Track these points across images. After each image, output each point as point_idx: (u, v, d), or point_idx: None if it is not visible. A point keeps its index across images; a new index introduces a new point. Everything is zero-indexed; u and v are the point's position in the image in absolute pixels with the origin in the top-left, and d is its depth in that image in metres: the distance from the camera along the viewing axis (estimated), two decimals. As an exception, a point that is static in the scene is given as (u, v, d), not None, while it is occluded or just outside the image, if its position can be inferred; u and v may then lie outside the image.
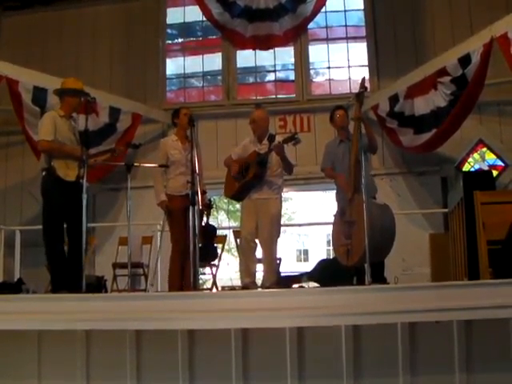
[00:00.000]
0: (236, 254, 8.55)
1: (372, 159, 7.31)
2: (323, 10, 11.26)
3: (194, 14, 11.83)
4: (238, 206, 20.81)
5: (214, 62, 11.93)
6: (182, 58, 12.11)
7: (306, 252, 33.00)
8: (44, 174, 6.40)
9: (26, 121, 9.66)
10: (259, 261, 7.02)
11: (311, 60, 11.53)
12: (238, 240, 7.94)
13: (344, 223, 6.40)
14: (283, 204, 7.19)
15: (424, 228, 9.67)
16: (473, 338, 4.93)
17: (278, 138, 6.80)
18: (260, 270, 7.05)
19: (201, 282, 7.68)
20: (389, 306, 4.71)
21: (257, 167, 6.80)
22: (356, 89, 6.67)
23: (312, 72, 11.65)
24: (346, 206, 6.46)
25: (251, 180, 6.85)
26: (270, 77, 11.97)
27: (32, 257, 9.58)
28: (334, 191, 7.21)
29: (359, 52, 11.41)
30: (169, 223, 7.22)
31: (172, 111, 7.55)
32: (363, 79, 6.28)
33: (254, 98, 11.62)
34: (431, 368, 4.98)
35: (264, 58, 11.76)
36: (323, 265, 7.79)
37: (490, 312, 4.57)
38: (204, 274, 8.31)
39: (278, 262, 7.48)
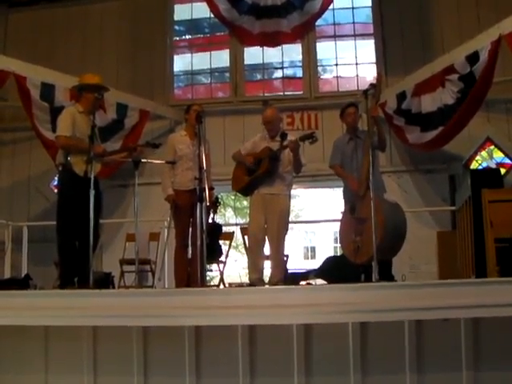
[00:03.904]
0: (243, 250, 8.54)
1: (379, 157, 7.29)
2: (331, 7, 11.26)
3: (201, 10, 11.83)
4: (245, 202, 20.90)
5: (221, 58, 11.93)
6: (190, 55, 12.11)
7: (313, 249, 32.96)
8: (60, 169, 6.42)
9: (36, 117, 9.62)
10: (267, 257, 7.03)
11: (319, 57, 11.54)
12: (246, 237, 7.94)
13: (354, 220, 6.38)
14: (291, 201, 7.19)
15: (431, 226, 9.64)
16: (480, 335, 4.92)
17: (290, 137, 6.84)
18: (267, 266, 7.06)
19: (208, 278, 7.66)
20: (396, 304, 4.71)
21: (269, 162, 6.83)
22: (364, 86, 6.67)
23: (320, 69, 11.65)
24: (357, 203, 6.43)
25: (262, 174, 6.88)
26: (278, 74, 11.98)
27: (39, 253, 9.65)
28: (342, 188, 7.20)
29: (367, 49, 11.41)
30: (174, 218, 7.24)
31: (185, 107, 7.53)
32: (379, 75, 6.28)
33: (262, 94, 11.58)
34: (438, 366, 4.97)
35: (272, 54, 11.76)
36: (330, 262, 7.77)
37: (498, 310, 4.56)
38: (211, 270, 8.32)
39: (285, 258, 7.49)
